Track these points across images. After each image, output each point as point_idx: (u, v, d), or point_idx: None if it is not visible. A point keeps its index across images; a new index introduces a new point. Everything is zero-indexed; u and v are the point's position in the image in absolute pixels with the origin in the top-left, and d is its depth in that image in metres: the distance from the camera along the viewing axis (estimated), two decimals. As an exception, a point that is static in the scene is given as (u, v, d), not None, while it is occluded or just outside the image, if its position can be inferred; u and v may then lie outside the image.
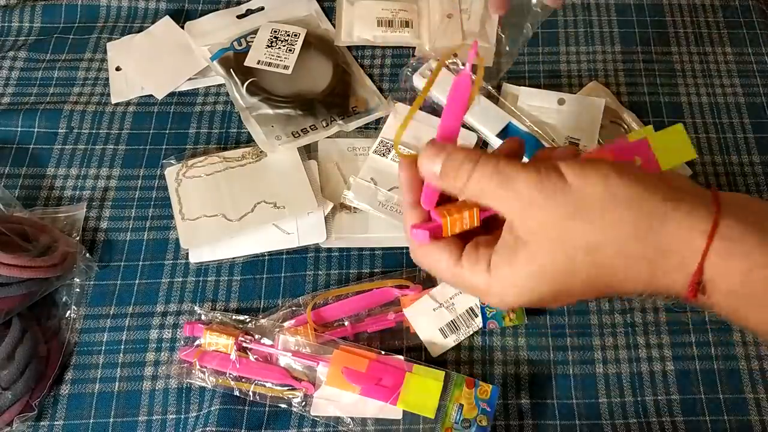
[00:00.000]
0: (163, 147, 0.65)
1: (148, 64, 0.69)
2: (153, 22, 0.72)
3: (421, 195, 0.40)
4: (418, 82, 0.66)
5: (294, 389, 0.52)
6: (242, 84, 0.65)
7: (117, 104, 0.67)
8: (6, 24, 0.73)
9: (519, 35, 0.62)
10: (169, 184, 0.62)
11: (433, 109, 0.65)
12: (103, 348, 0.55)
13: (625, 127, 0.64)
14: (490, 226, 0.40)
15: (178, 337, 0.55)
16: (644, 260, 0.34)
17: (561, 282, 0.35)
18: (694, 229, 0.33)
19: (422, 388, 0.50)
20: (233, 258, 0.59)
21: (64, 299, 0.56)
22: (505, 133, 0.62)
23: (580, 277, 0.35)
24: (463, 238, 0.39)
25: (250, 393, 0.52)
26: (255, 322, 0.55)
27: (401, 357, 0.52)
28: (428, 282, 0.56)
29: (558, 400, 0.53)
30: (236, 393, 0.52)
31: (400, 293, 0.55)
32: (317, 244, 0.59)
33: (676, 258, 0.33)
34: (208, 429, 0.51)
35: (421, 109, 0.64)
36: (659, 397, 0.53)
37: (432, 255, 0.39)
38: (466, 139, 0.63)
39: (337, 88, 0.66)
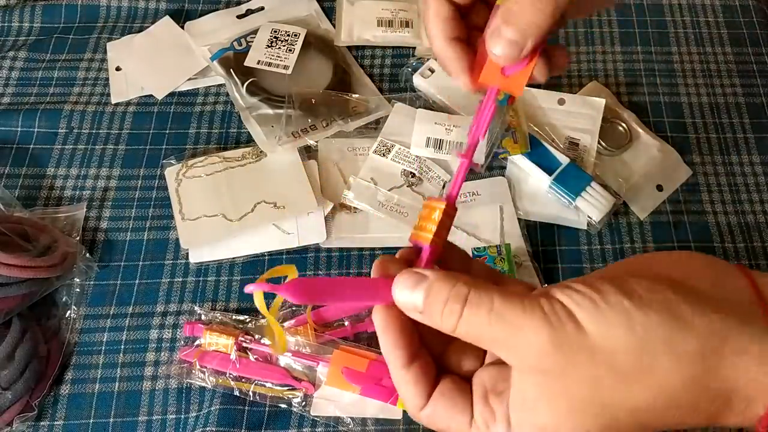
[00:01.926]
0: (163, 147, 0.65)
1: (148, 64, 0.69)
2: (153, 22, 0.72)
3: (408, 346, 0.31)
4: (418, 82, 0.66)
5: (294, 389, 0.52)
6: (242, 84, 0.65)
7: (117, 104, 0.67)
8: (6, 24, 0.73)
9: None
10: (169, 184, 0.62)
11: (431, 108, 0.65)
12: (103, 348, 0.55)
13: (625, 126, 0.64)
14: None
15: (178, 337, 0.55)
16: (700, 409, 0.28)
17: None
18: (756, 363, 0.27)
19: (422, 388, 0.50)
20: (233, 258, 0.59)
21: (64, 299, 0.56)
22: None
23: None
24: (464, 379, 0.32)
25: (250, 393, 0.52)
26: (255, 322, 0.55)
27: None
28: (428, 282, 0.56)
29: (558, 400, 0.53)
30: (236, 393, 0.52)
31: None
32: (317, 244, 0.59)
33: (741, 401, 0.28)
34: (208, 429, 0.51)
35: (423, 107, 0.64)
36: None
37: (437, 423, 0.32)
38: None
39: (337, 88, 0.66)
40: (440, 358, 0.33)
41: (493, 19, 0.33)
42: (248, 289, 0.29)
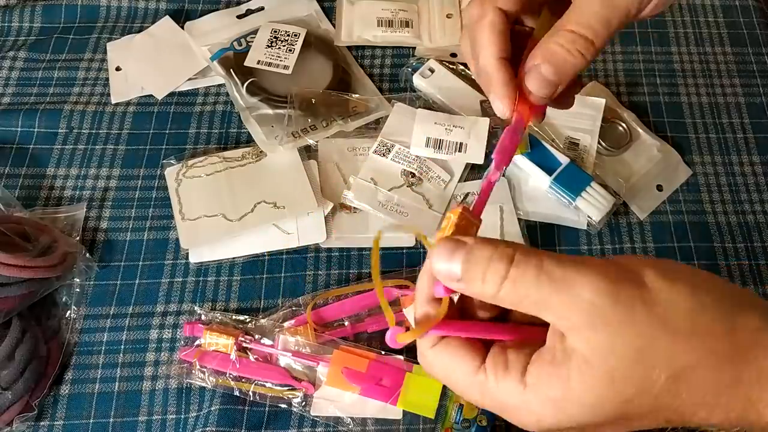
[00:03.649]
0: (163, 147, 0.65)
1: (148, 64, 0.69)
2: (153, 22, 0.72)
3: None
4: (418, 82, 0.66)
5: (294, 389, 0.52)
6: (242, 84, 0.65)
7: (117, 104, 0.67)
8: (6, 24, 0.73)
9: None
10: (169, 184, 0.62)
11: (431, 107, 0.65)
12: (103, 348, 0.55)
13: (625, 126, 0.64)
14: (508, 316, 0.33)
15: (178, 337, 0.55)
16: (740, 387, 0.27)
17: (623, 412, 0.28)
18: None
19: (422, 388, 0.50)
20: (233, 258, 0.59)
21: (64, 299, 0.56)
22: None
23: (652, 410, 0.28)
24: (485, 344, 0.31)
25: (250, 393, 0.52)
26: (255, 322, 0.55)
27: (401, 357, 0.52)
28: (428, 282, 0.56)
29: (558, 400, 0.53)
30: (236, 393, 0.52)
31: (400, 293, 0.55)
32: (317, 244, 0.59)
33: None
34: (208, 429, 0.51)
35: (423, 107, 0.64)
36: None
37: (444, 359, 0.30)
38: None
39: (337, 88, 0.66)
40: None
41: (531, 53, 0.33)
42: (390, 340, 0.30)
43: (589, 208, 0.59)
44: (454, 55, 0.69)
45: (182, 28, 0.71)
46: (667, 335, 0.27)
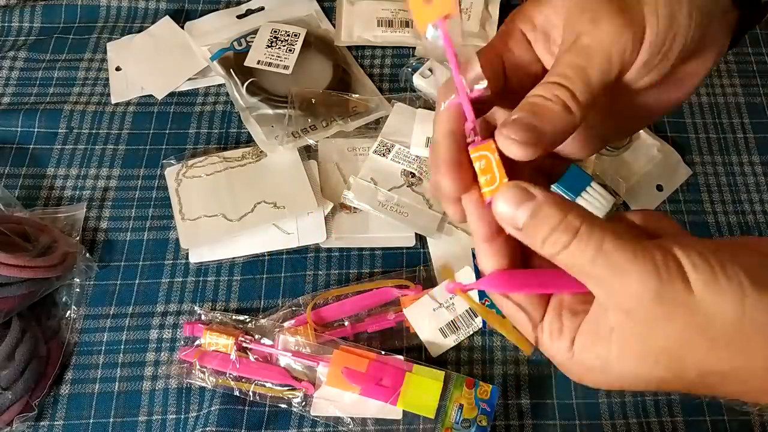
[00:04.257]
0: (163, 147, 0.65)
1: (148, 64, 0.69)
2: (153, 22, 0.72)
3: (490, 224, 0.30)
4: (418, 82, 0.66)
5: (294, 389, 0.52)
6: (242, 84, 0.65)
7: (117, 104, 0.67)
8: (6, 24, 0.73)
9: None
10: (169, 184, 0.62)
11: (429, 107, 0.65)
12: (103, 348, 0.55)
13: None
14: None
15: (178, 337, 0.55)
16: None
17: (657, 387, 0.29)
18: None
19: (422, 388, 0.50)
20: (233, 258, 0.59)
21: (64, 299, 0.56)
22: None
23: (681, 385, 0.29)
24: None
25: (250, 393, 0.52)
26: (255, 322, 0.55)
27: (401, 357, 0.52)
28: (428, 282, 0.56)
29: (558, 400, 0.53)
30: (236, 393, 0.52)
31: (400, 293, 0.55)
32: (317, 244, 0.59)
33: None
34: (208, 429, 0.51)
35: (423, 107, 0.64)
36: (659, 397, 0.53)
37: (512, 305, 0.31)
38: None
39: (337, 88, 0.66)
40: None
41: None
42: (449, 288, 0.30)
43: (589, 208, 0.58)
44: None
45: (182, 28, 0.71)
46: (704, 342, 0.27)
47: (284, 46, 0.67)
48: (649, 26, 0.29)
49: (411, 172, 0.61)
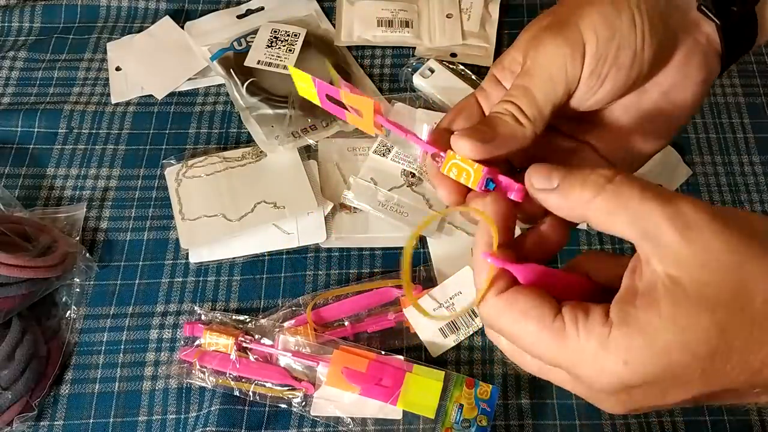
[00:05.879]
0: (163, 147, 0.65)
1: (148, 64, 0.69)
2: (153, 22, 0.72)
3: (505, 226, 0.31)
4: (418, 82, 0.66)
5: (294, 389, 0.52)
6: (242, 84, 0.65)
7: (117, 104, 0.67)
8: (6, 24, 0.73)
9: None
10: (169, 184, 0.62)
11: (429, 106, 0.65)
12: (103, 348, 0.55)
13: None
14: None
15: (178, 337, 0.55)
16: None
17: (704, 351, 0.26)
18: None
19: (422, 388, 0.50)
20: (233, 258, 0.59)
21: (64, 299, 0.56)
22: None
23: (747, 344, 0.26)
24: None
25: (250, 393, 0.52)
26: (255, 322, 0.55)
27: (401, 357, 0.52)
28: (428, 282, 0.56)
29: (558, 400, 0.53)
30: (236, 393, 0.52)
31: (400, 293, 0.55)
32: (317, 244, 0.59)
33: None
34: (208, 429, 0.51)
35: (423, 107, 0.64)
36: (659, 397, 0.53)
37: (518, 304, 0.28)
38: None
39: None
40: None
41: None
42: (485, 256, 0.29)
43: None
44: (454, 55, 0.69)
45: (182, 28, 0.72)
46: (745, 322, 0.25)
47: (284, 46, 0.67)
48: (588, 41, 0.32)
49: (411, 172, 0.61)
